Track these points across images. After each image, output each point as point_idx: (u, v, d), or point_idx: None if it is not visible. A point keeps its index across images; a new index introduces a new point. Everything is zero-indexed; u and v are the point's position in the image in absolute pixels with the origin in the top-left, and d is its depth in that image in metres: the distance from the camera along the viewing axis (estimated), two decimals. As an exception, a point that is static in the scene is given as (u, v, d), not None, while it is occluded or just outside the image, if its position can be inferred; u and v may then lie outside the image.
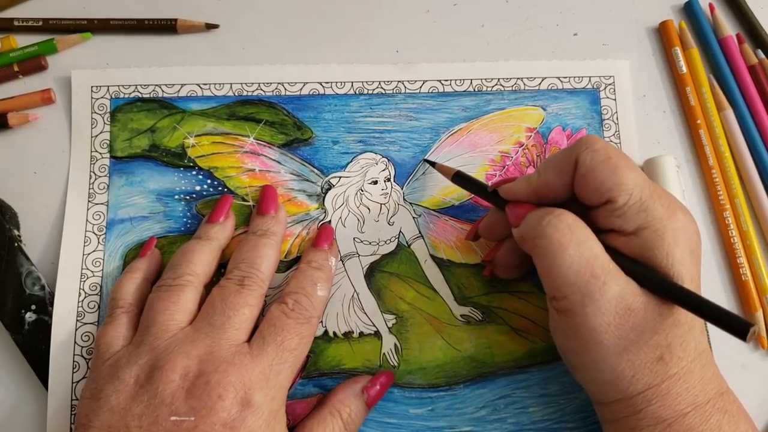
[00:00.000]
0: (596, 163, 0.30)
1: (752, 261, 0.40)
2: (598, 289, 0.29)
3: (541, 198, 0.33)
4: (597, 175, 0.30)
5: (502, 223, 0.36)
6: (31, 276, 0.38)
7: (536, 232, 0.30)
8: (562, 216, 0.30)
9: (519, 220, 0.32)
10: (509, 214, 0.33)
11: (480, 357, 0.38)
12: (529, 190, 0.33)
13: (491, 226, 0.37)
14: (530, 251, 0.32)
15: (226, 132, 0.40)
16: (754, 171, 0.41)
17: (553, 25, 0.44)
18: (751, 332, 0.25)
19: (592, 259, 0.29)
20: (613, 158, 0.30)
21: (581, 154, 0.31)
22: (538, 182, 0.33)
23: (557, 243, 0.29)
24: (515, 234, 0.33)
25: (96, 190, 0.39)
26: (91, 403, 0.31)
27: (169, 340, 0.32)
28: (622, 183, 0.30)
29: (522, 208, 0.33)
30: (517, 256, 0.36)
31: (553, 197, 0.32)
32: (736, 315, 0.27)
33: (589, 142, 0.31)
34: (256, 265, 0.34)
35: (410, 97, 0.42)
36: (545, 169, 0.32)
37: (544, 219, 0.30)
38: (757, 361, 0.39)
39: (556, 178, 0.32)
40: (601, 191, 0.30)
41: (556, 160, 0.32)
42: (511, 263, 0.37)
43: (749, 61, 0.43)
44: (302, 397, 0.37)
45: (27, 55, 0.42)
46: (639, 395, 0.29)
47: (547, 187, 0.32)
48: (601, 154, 0.30)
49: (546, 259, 0.30)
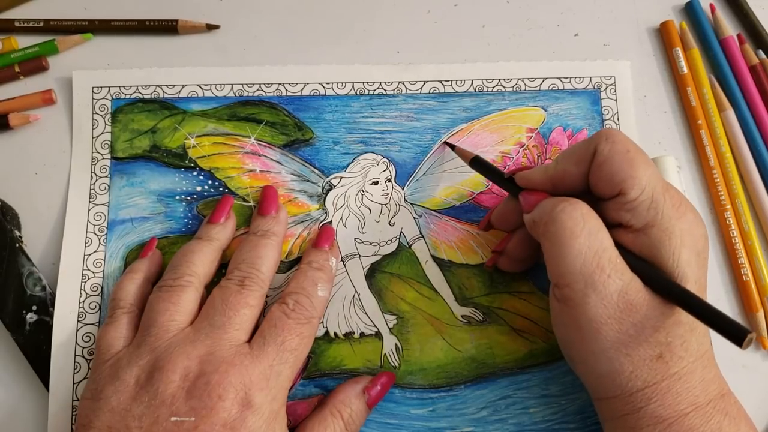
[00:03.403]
0: (614, 153, 0.30)
1: (753, 261, 0.40)
2: (602, 281, 0.29)
3: (556, 186, 0.33)
4: (613, 165, 0.30)
5: (515, 212, 0.36)
6: (32, 276, 0.38)
7: (549, 217, 0.31)
8: (577, 204, 0.30)
9: (532, 207, 0.33)
10: (522, 200, 0.34)
11: (481, 357, 0.38)
12: (545, 177, 0.33)
13: (504, 215, 0.37)
14: (540, 236, 0.32)
15: (227, 133, 0.41)
16: (755, 171, 0.41)
17: (554, 26, 0.44)
18: (748, 339, 0.26)
19: (601, 250, 0.29)
20: (631, 152, 0.30)
21: (600, 144, 0.31)
22: (555, 171, 0.33)
23: (569, 230, 0.30)
24: (527, 219, 0.33)
25: (97, 190, 0.39)
26: (91, 404, 0.31)
27: (169, 340, 0.32)
28: (636, 177, 0.30)
29: (536, 196, 0.33)
30: (527, 248, 0.37)
31: (569, 187, 0.32)
32: (735, 321, 0.26)
33: (610, 133, 0.31)
34: (257, 266, 0.34)
35: (411, 98, 0.42)
36: (563, 158, 0.33)
37: (559, 206, 0.30)
38: (758, 362, 0.39)
39: (574, 167, 0.32)
40: (614, 182, 0.30)
41: (575, 149, 0.32)
42: (519, 255, 0.37)
43: (750, 61, 0.43)
44: (303, 398, 0.37)
45: (28, 56, 0.42)
46: (638, 392, 0.29)
47: (563, 176, 0.32)
48: (620, 146, 0.30)
49: (555, 245, 0.30)
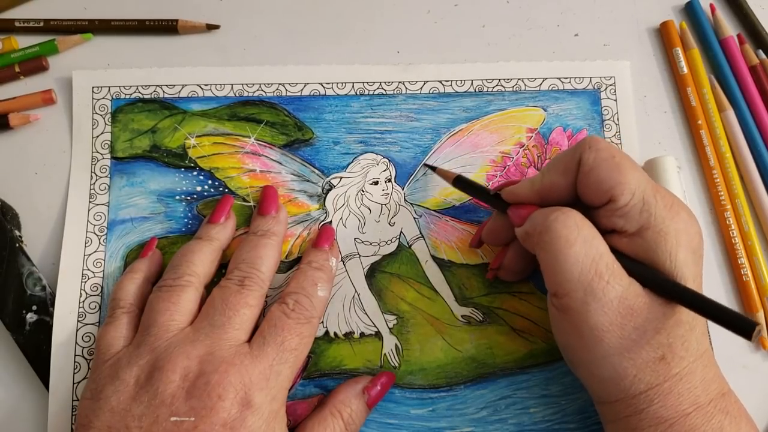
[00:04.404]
0: (599, 161, 0.30)
1: (753, 261, 0.40)
2: (602, 288, 0.29)
3: (544, 199, 0.33)
4: (599, 174, 0.30)
5: (505, 227, 0.36)
6: (32, 276, 0.38)
7: (543, 227, 0.30)
8: (570, 213, 0.30)
9: (523, 220, 0.33)
10: (512, 215, 0.33)
11: (481, 357, 0.38)
12: (532, 191, 0.33)
13: (494, 231, 0.37)
14: (534, 247, 0.32)
15: (227, 133, 0.40)
16: (755, 171, 0.41)
17: (554, 26, 0.44)
18: (756, 331, 0.25)
19: (598, 257, 0.29)
20: (616, 157, 0.30)
21: (584, 153, 0.31)
22: (542, 183, 0.33)
23: (564, 239, 0.29)
24: (519, 233, 0.33)
25: (97, 190, 0.39)
26: (91, 404, 0.31)
27: (169, 340, 0.32)
28: (625, 182, 0.30)
29: (525, 209, 0.33)
30: (523, 260, 0.36)
31: (557, 198, 0.32)
32: (741, 314, 0.27)
33: (593, 141, 0.31)
34: (257, 266, 0.34)
35: (411, 98, 0.42)
36: (549, 170, 0.32)
37: (551, 215, 0.30)
38: (759, 362, 0.39)
39: (561, 178, 0.32)
40: (603, 190, 0.30)
41: (559, 161, 0.32)
42: (517, 268, 0.37)
43: (750, 61, 0.43)
44: (303, 398, 0.37)
45: (28, 56, 0.42)
46: (641, 395, 0.29)
47: (551, 188, 0.32)
48: (604, 153, 0.30)
49: (551, 254, 0.30)
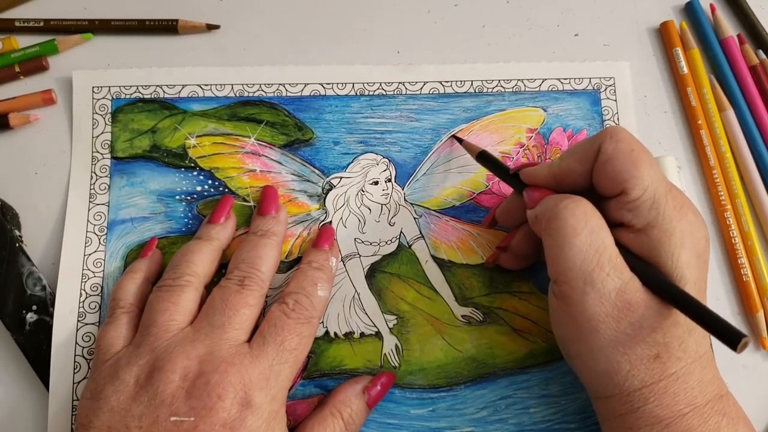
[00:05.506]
0: (618, 152, 0.30)
1: (753, 261, 0.40)
2: (601, 279, 0.29)
3: (560, 183, 0.33)
4: (616, 164, 0.30)
5: (519, 208, 0.36)
6: (32, 276, 0.38)
7: (552, 214, 0.31)
8: (580, 202, 0.30)
9: (535, 203, 0.33)
10: (526, 196, 0.34)
11: (481, 357, 0.38)
12: (549, 174, 0.33)
13: (508, 211, 0.37)
14: (542, 232, 0.32)
15: (227, 133, 0.41)
16: (755, 171, 0.41)
17: (554, 26, 0.44)
18: (742, 343, 0.26)
19: (602, 248, 0.29)
20: (635, 151, 0.30)
21: (605, 142, 0.31)
22: (559, 168, 0.33)
23: (571, 227, 0.30)
24: (529, 215, 0.33)
25: (97, 190, 0.39)
26: (91, 404, 0.31)
27: (169, 340, 0.32)
28: (639, 176, 0.30)
29: (540, 192, 0.33)
30: (530, 244, 0.37)
31: (572, 184, 0.33)
32: (730, 324, 0.26)
33: (615, 131, 0.31)
34: (257, 266, 0.34)
35: (411, 98, 0.42)
36: (568, 155, 0.33)
37: (562, 203, 0.31)
38: (759, 362, 0.39)
39: (578, 164, 0.32)
40: (617, 181, 0.30)
41: (579, 147, 0.32)
42: (523, 251, 0.37)
43: (750, 61, 0.43)
44: (303, 398, 0.37)
45: (28, 56, 0.42)
46: (636, 392, 0.29)
47: (567, 173, 0.32)
48: (624, 144, 0.30)
49: (556, 241, 0.30)
